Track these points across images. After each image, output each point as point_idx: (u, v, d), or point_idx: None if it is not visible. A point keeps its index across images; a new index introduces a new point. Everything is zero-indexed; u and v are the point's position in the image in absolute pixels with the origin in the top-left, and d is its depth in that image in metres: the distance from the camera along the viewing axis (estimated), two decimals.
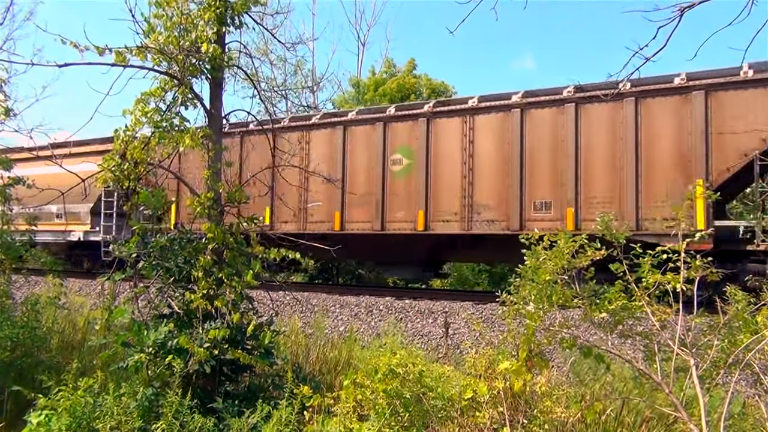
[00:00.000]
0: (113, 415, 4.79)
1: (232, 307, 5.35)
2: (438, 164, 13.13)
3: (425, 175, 13.18)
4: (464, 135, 12.89)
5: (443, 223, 12.91)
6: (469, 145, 12.82)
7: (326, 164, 14.29)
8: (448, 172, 12.96)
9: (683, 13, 3.95)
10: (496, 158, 12.51)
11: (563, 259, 4.56)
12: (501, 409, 4.60)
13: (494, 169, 12.52)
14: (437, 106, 13.40)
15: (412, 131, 13.57)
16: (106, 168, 5.78)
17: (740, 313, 4.50)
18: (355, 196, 13.94)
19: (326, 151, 14.54)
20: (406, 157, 13.61)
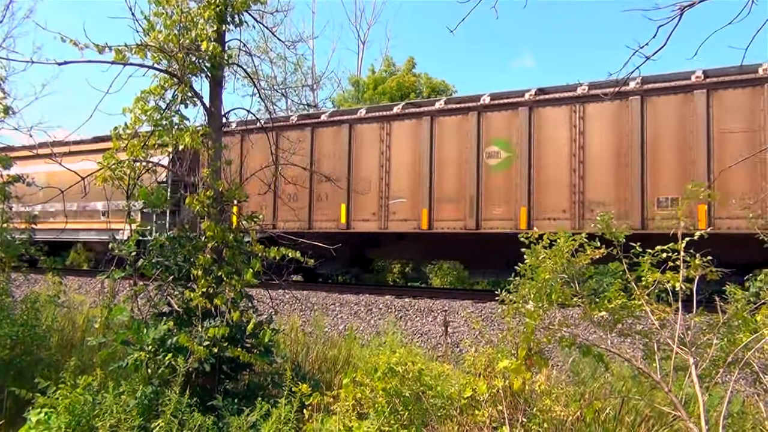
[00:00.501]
0: (113, 413, 4.79)
1: (232, 306, 5.36)
2: (542, 157, 11.98)
3: (528, 168, 12.03)
4: (573, 125, 11.77)
5: (549, 222, 11.71)
6: (578, 136, 11.70)
7: (410, 157, 13.40)
8: (554, 165, 11.86)
9: (683, 12, 3.95)
10: (611, 150, 11.39)
11: (563, 257, 4.57)
12: (500, 407, 4.60)
13: (609, 163, 11.38)
14: (539, 94, 12.27)
15: (510, 121, 12.39)
16: (106, 166, 5.77)
17: (739, 311, 4.49)
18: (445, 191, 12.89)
19: (410, 144, 13.51)
20: (504, 149, 12.44)
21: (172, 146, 5.99)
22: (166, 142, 5.88)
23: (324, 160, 14.35)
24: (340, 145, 14.21)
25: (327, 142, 14.46)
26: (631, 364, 4.70)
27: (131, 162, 5.84)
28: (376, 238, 14.81)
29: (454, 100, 13.35)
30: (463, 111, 12.96)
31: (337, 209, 14.10)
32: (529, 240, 4.86)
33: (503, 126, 12.56)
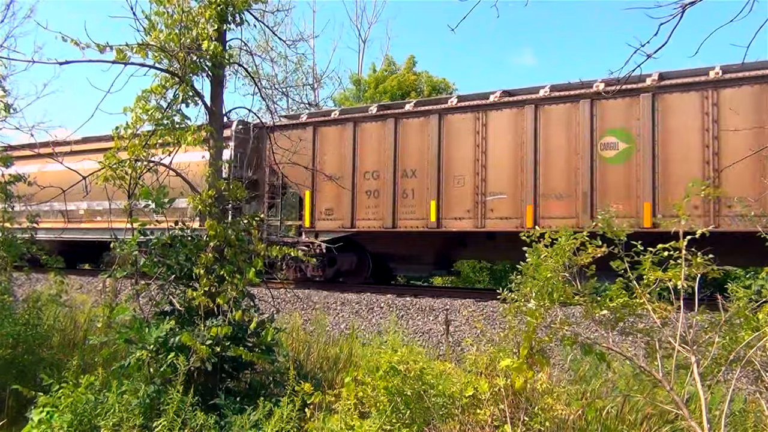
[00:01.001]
0: (115, 412, 4.80)
1: (234, 305, 5.36)
2: (667, 148, 10.87)
3: (651, 161, 10.88)
4: (705, 113, 10.65)
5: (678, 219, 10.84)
6: (712, 124, 10.58)
7: (511, 150, 12.21)
8: (682, 157, 10.73)
9: (684, 10, 3.95)
10: (755, 141, 10.02)
11: (564, 256, 4.57)
12: (502, 406, 4.60)
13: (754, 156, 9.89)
14: (663, 79, 11.14)
15: (630, 110, 11.24)
16: (107, 165, 5.77)
17: (741, 310, 4.49)
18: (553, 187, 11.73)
19: (510, 135, 12.27)
20: (622, 140, 11.29)
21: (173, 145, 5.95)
22: (168, 142, 5.88)
23: (409, 153, 13.29)
24: (427, 138, 13.07)
25: (412, 134, 13.29)
26: (632, 363, 4.69)
27: (132, 162, 5.84)
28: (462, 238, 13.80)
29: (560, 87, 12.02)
30: (573, 99, 11.75)
31: (425, 206, 13.01)
32: (531, 238, 4.86)
33: (621, 115, 11.37)
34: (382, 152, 13.50)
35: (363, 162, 13.73)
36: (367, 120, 13.87)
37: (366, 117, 13.94)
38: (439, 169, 12.79)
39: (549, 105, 11.99)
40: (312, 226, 14.27)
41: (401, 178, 13.28)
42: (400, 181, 13.30)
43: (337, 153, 14.08)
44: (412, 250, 13.98)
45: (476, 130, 12.59)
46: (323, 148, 14.34)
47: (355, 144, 13.88)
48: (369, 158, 13.73)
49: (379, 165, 13.51)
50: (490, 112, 12.55)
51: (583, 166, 11.46)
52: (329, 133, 14.30)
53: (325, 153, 14.31)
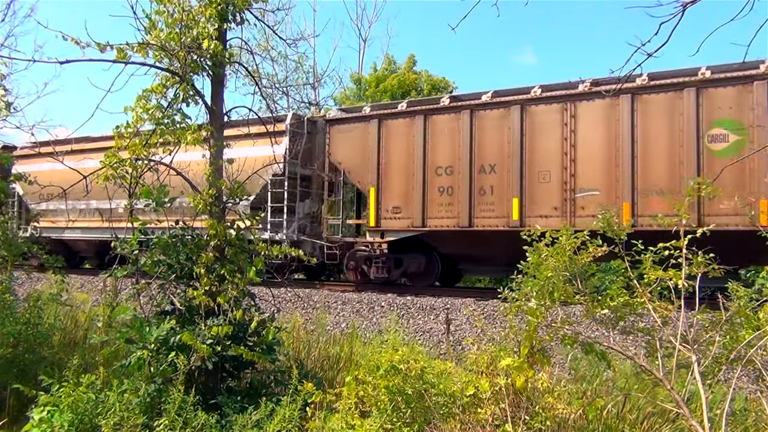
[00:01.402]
0: (116, 411, 4.81)
1: (234, 304, 5.36)
2: None
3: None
4: None
5: None
6: None
7: (604, 143, 11.40)
8: None
9: (685, 9, 3.94)
10: None
11: (565, 255, 4.56)
12: (503, 405, 4.60)
13: None
14: None
15: (741, 99, 10.38)
16: (108, 165, 5.77)
17: (742, 309, 4.49)
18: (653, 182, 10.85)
19: (604, 128, 11.45)
20: (733, 131, 10.45)
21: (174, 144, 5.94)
22: (168, 141, 5.88)
23: (487, 147, 12.44)
24: (508, 130, 12.23)
25: (490, 127, 12.44)
26: (633, 362, 4.70)
27: (132, 161, 5.83)
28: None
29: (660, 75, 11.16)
30: (675, 87, 10.93)
31: (506, 204, 12.14)
32: (531, 237, 4.86)
33: (731, 104, 10.49)
34: (456, 146, 12.70)
35: (435, 157, 12.94)
36: (439, 112, 13.04)
37: (438, 109, 13.10)
38: (522, 164, 11.95)
39: (647, 94, 11.14)
40: (377, 226, 13.50)
41: (478, 174, 12.46)
42: (477, 176, 12.47)
43: (405, 147, 13.37)
44: (487, 250, 13.06)
45: (563, 121, 11.72)
46: (389, 142, 13.57)
47: (425, 138, 13.07)
48: (441, 153, 12.90)
49: (453, 160, 12.69)
50: (579, 103, 11.68)
51: (688, 160, 10.61)
52: (396, 127, 13.54)
53: (391, 147, 13.54)
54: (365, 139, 13.79)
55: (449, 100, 13.07)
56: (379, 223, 13.49)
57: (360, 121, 14.06)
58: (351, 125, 14.08)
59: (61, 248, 19.18)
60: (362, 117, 14.08)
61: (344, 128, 14.25)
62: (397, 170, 13.34)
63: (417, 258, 13.63)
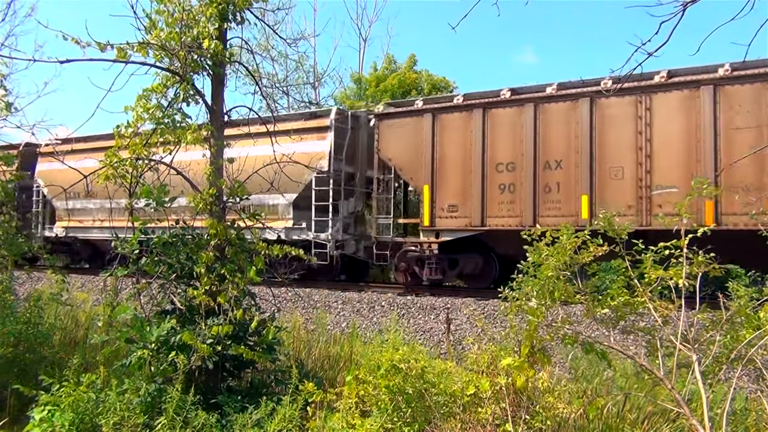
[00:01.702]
0: (116, 410, 4.81)
1: (235, 303, 5.36)
2: None
3: None
4: None
5: None
6: None
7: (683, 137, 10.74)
8: None
9: (686, 8, 3.94)
10: None
11: (566, 254, 4.56)
12: (503, 405, 4.60)
13: None
14: None
15: None
16: (108, 164, 5.77)
17: (742, 308, 4.49)
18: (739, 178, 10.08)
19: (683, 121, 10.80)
20: None
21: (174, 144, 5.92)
22: (169, 140, 5.88)
23: (552, 142, 11.80)
24: (575, 124, 11.59)
25: (556, 121, 11.81)
26: (634, 361, 4.69)
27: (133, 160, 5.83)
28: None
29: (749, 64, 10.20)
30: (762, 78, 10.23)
31: (574, 202, 11.50)
32: (532, 237, 4.85)
33: None
34: (519, 141, 12.09)
35: (494, 152, 12.31)
36: (499, 105, 12.39)
37: (498, 102, 12.43)
38: (591, 160, 11.31)
39: (731, 85, 10.51)
40: (431, 225, 12.91)
41: (543, 171, 11.81)
42: (541, 173, 11.83)
43: (461, 143, 12.72)
44: None
45: (638, 114, 11.12)
46: (444, 137, 12.92)
47: (484, 132, 12.39)
48: (502, 148, 12.27)
49: (515, 156, 12.09)
50: (655, 95, 11.02)
51: None
52: (452, 121, 12.89)
53: (446, 143, 12.90)
54: (418, 134, 13.22)
55: (510, 93, 12.41)
56: (433, 223, 12.92)
57: (412, 115, 13.48)
58: (402, 120, 13.53)
59: (88, 248, 19.07)
60: (414, 111, 13.45)
61: (395, 123, 13.68)
62: (452, 167, 12.77)
63: (474, 258, 13.11)
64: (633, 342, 7.42)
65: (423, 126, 13.16)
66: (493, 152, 12.35)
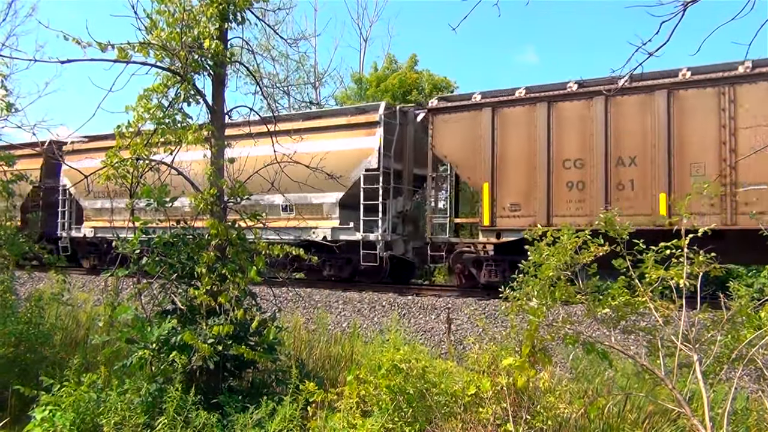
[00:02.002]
0: (117, 410, 4.81)
1: (236, 303, 5.36)
2: None
3: None
4: None
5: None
6: None
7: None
8: None
9: (686, 8, 3.94)
10: None
11: (566, 254, 4.56)
12: (504, 404, 4.60)
13: None
14: None
15: None
16: (109, 164, 5.78)
17: (743, 308, 4.49)
18: None
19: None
20: None
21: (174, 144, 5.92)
22: (170, 140, 5.88)
23: (625, 137, 11.11)
24: (651, 118, 10.91)
25: (629, 115, 11.12)
26: (635, 361, 4.69)
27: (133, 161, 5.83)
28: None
29: None
30: None
31: (650, 200, 10.80)
32: (533, 237, 4.85)
33: None
34: (588, 136, 11.39)
35: (561, 148, 11.63)
36: (566, 98, 11.69)
37: (564, 95, 11.72)
38: (669, 155, 10.64)
39: None
40: (492, 224, 12.20)
41: (615, 167, 11.13)
42: (613, 170, 11.14)
43: (524, 138, 12.05)
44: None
45: (721, 107, 10.42)
46: (505, 133, 12.22)
47: (549, 127, 11.72)
48: (569, 144, 11.59)
49: (584, 151, 11.42)
50: (739, 86, 10.31)
51: None
52: (513, 115, 12.20)
53: (507, 138, 12.20)
54: (475, 130, 12.52)
55: (578, 86, 11.66)
56: (494, 222, 12.22)
57: (469, 109, 12.76)
58: (459, 114, 12.81)
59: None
60: (472, 105, 12.73)
61: (451, 118, 12.95)
62: (514, 163, 12.13)
63: None
64: (634, 342, 7.41)
65: (481, 121, 12.46)
66: (560, 148, 11.68)
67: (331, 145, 13.19)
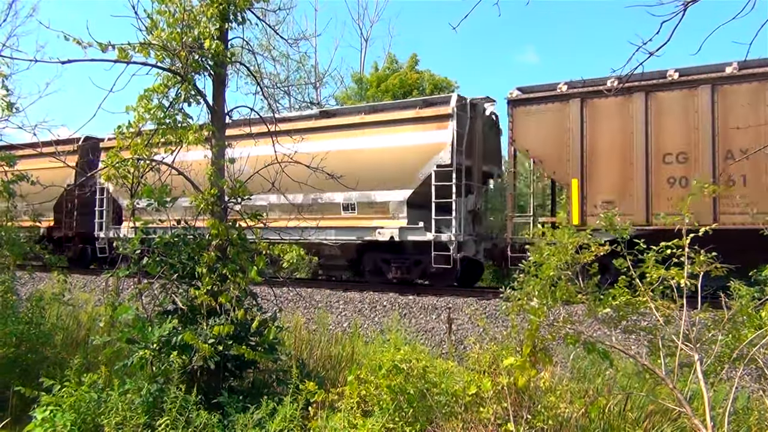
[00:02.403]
0: (118, 410, 4.81)
1: (236, 303, 5.36)
2: None
3: None
4: None
5: None
6: None
7: None
8: None
9: (687, 8, 3.94)
10: None
11: (567, 254, 4.56)
12: (505, 404, 4.60)
13: None
14: None
15: None
16: (110, 165, 5.78)
17: (744, 308, 4.49)
18: None
19: None
20: None
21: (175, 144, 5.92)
22: (170, 141, 5.88)
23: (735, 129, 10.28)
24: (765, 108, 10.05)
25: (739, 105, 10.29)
26: (635, 361, 4.69)
27: (134, 161, 5.84)
28: None
29: None
30: None
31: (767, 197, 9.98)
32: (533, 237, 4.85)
33: None
34: (692, 129, 10.64)
35: (661, 141, 10.86)
36: (665, 88, 10.94)
37: (663, 84, 10.95)
38: None
39: None
40: (582, 224, 11.19)
41: (723, 161, 10.31)
42: (721, 165, 10.33)
43: (618, 131, 11.31)
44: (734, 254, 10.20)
45: None
46: (596, 125, 11.48)
47: (647, 119, 10.96)
48: (670, 137, 10.83)
49: (687, 145, 10.63)
50: None
51: None
52: (605, 106, 11.43)
53: (598, 131, 11.46)
54: (562, 122, 11.81)
55: (679, 74, 10.89)
56: (584, 221, 11.32)
57: (554, 100, 12.02)
58: (542, 106, 12.09)
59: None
60: (558, 96, 11.96)
61: (533, 110, 12.24)
62: (607, 158, 11.40)
63: None
64: (635, 342, 7.41)
65: (569, 112, 11.73)
66: (659, 141, 10.91)
67: (394, 140, 12.90)
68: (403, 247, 13.47)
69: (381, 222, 13.30)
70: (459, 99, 12.83)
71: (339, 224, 13.63)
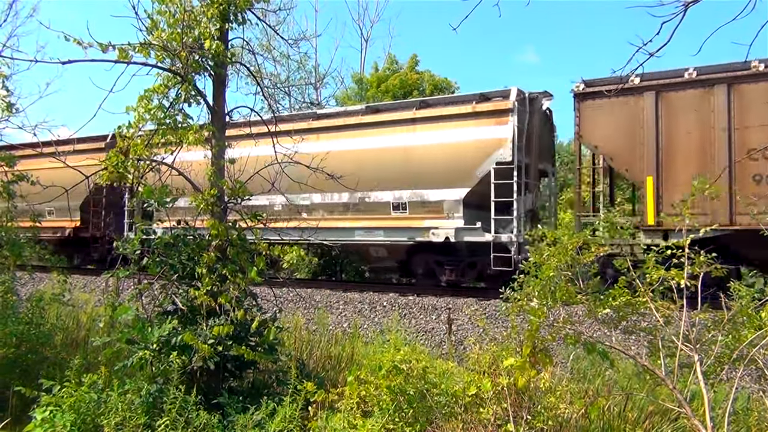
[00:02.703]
0: (118, 411, 4.80)
1: (236, 304, 5.36)
2: None
3: None
4: None
5: None
6: None
7: None
8: None
9: (687, 9, 3.94)
10: None
11: (567, 255, 4.56)
12: (505, 405, 4.60)
13: None
14: None
15: None
16: (110, 165, 5.78)
17: (744, 308, 4.48)
18: None
19: None
20: None
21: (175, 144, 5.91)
22: (170, 141, 5.88)
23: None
24: None
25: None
26: (635, 362, 4.69)
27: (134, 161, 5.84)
28: None
29: None
30: None
31: None
32: (533, 237, 4.85)
33: None
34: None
35: (745, 137, 10.20)
36: (751, 80, 10.25)
37: (747, 76, 10.25)
38: None
39: None
40: (658, 224, 10.63)
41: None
42: None
43: (697, 125, 10.67)
44: None
45: None
46: (672, 120, 10.87)
47: (730, 113, 10.32)
48: (756, 131, 10.13)
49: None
50: None
51: None
52: (683, 100, 10.80)
53: (675, 125, 10.83)
54: (634, 117, 11.25)
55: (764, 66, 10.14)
56: (660, 221, 10.66)
57: (626, 94, 11.31)
58: (612, 99, 11.41)
59: None
60: (629, 89, 11.23)
61: (602, 104, 11.60)
62: (685, 154, 10.76)
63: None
64: (635, 342, 7.41)
65: (642, 106, 11.13)
66: (744, 136, 10.23)
67: (448, 136, 12.38)
68: (456, 248, 12.85)
69: (435, 222, 12.69)
70: (518, 93, 12.29)
71: (388, 224, 13.11)
